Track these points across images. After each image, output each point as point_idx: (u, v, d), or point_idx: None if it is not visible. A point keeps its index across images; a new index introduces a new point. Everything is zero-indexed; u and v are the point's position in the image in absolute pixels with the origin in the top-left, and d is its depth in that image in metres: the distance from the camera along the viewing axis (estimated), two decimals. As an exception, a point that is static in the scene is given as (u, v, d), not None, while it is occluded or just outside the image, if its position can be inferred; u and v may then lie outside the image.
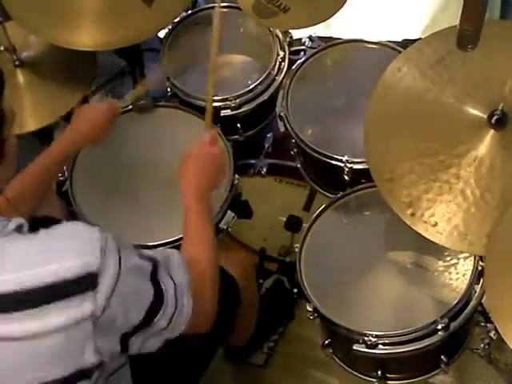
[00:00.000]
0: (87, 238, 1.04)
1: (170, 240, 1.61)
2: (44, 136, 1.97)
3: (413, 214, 1.36)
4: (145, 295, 1.07)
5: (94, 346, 1.02)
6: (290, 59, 1.86)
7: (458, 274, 1.51)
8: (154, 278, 1.10)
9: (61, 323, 0.99)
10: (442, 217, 1.35)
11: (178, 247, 1.61)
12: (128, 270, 1.05)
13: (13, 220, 1.07)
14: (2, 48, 1.75)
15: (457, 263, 1.52)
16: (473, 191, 1.34)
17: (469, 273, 1.49)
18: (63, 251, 1.02)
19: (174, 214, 1.66)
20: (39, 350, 0.99)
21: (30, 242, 1.04)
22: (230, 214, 1.69)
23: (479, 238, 1.32)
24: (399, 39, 2.03)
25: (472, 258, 1.50)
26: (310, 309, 1.51)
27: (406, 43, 1.59)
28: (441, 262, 1.53)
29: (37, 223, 1.16)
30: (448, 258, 1.52)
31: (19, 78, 1.79)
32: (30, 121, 1.77)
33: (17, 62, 1.78)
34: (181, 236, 1.61)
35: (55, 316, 0.98)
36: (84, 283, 0.99)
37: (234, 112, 1.81)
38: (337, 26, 2.17)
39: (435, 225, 1.35)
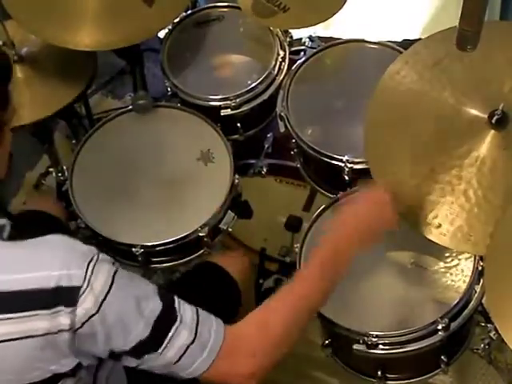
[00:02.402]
0: (75, 251, 1.03)
1: (170, 240, 1.62)
2: (45, 136, 1.97)
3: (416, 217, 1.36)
4: (133, 331, 1.04)
5: (74, 351, 1.02)
6: (290, 59, 1.86)
7: (458, 274, 1.51)
8: (160, 325, 1.06)
9: (36, 331, 0.99)
10: (445, 218, 1.35)
11: (178, 247, 1.63)
12: (120, 298, 1.03)
13: None
14: (0, 43, 1.75)
15: (457, 263, 1.52)
16: (475, 192, 1.34)
17: (469, 273, 1.49)
18: (48, 260, 1.01)
19: (174, 213, 1.67)
20: (16, 353, 0.99)
21: (18, 248, 1.03)
22: (230, 214, 1.69)
23: (483, 238, 1.32)
24: (399, 39, 2.04)
25: (472, 258, 1.50)
26: (310, 309, 1.51)
27: (406, 43, 1.59)
28: (441, 263, 1.53)
29: (22, 222, 1.15)
30: (448, 259, 1.52)
31: (18, 74, 1.77)
32: (27, 116, 1.75)
33: (16, 58, 1.77)
34: (181, 236, 1.62)
35: (31, 323, 0.98)
36: (65, 295, 0.99)
37: (234, 111, 1.81)
38: (337, 26, 2.17)
39: (439, 226, 1.35)
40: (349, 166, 1.62)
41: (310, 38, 1.92)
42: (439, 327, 1.43)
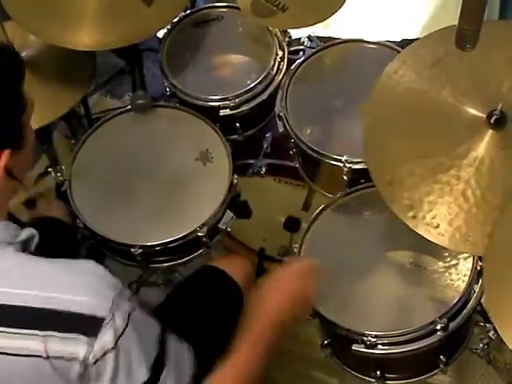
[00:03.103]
0: (105, 282, 1.03)
1: (169, 240, 1.61)
2: (44, 136, 1.97)
3: (414, 217, 1.35)
4: (136, 373, 1.03)
5: None
6: (289, 59, 1.86)
7: (457, 274, 1.51)
8: (156, 365, 1.06)
9: (52, 352, 0.98)
10: (443, 218, 1.34)
11: (177, 247, 1.63)
12: (133, 337, 1.02)
13: (25, 230, 1.07)
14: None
15: (456, 263, 1.52)
16: (474, 192, 1.34)
17: (468, 273, 1.49)
18: (80, 285, 1.01)
19: (173, 213, 1.67)
20: (23, 368, 0.98)
21: (52, 267, 1.03)
22: (229, 214, 1.68)
23: (481, 238, 1.32)
24: (399, 39, 2.03)
25: (471, 258, 1.50)
26: (309, 309, 1.51)
27: (405, 43, 1.59)
28: (440, 263, 1.53)
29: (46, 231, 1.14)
30: (448, 259, 1.52)
31: (19, 78, 1.78)
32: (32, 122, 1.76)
33: (16, 62, 1.77)
34: (180, 235, 1.62)
35: (50, 343, 0.97)
36: (87, 324, 0.98)
37: (232, 112, 1.80)
38: (336, 26, 2.17)
39: (437, 227, 1.34)
40: (348, 165, 1.62)
41: (309, 38, 1.91)
42: (438, 327, 1.43)
